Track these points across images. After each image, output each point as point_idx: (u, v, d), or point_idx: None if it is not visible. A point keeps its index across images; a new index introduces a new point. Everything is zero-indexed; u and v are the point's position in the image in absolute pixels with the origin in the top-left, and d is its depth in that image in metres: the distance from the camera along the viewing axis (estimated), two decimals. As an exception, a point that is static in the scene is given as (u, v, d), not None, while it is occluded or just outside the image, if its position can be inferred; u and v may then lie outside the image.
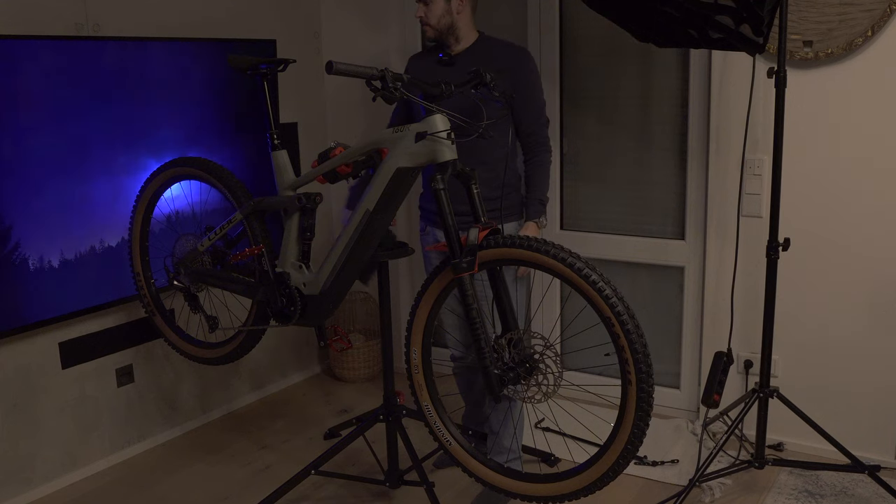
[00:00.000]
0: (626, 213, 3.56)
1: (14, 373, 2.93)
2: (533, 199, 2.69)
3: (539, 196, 2.69)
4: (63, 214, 2.94)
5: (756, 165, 3.09)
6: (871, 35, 2.78)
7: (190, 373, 3.55)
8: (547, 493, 2.10)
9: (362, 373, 4.04)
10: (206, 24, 3.43)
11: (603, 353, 2.15)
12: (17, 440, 2.96)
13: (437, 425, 2.28)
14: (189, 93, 3.29)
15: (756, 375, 2.95)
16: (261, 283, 2.56)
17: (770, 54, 2.90)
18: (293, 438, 3.47)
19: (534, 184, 2.71)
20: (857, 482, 2.90)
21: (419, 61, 2.81)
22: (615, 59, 3.47)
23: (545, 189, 2.71)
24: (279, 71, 2.65)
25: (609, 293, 1.90)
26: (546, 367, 2.08)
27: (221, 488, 3.07)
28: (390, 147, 2.19)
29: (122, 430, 3.31)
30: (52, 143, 2.87)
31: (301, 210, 2.47)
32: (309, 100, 4.00)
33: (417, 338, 2.28)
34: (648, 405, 1.90)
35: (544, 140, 2.72)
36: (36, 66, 2.80)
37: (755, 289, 3.09)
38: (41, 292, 2.90)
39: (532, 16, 3.57)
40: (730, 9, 2.51)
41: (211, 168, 2.68)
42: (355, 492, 2.99)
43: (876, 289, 2.95)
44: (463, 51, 2.68)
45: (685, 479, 2.94)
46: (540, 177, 2.71)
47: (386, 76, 2.04)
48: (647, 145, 3.46)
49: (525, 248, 1.99)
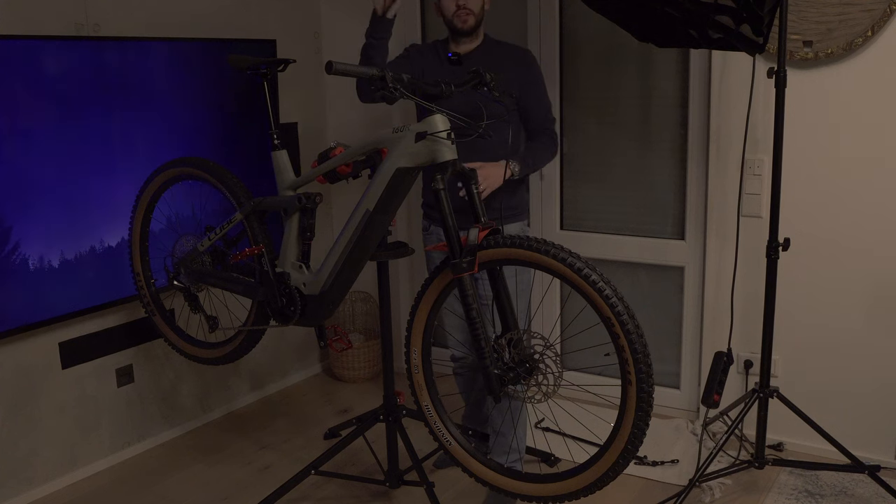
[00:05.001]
0: (626, 213, 3.56)
1: (14, 373, 2.93)
2: (520, 154, 2.67)
3: (526, 155, 2.67)
4: (63, 214, 2.94)
5: (756, 165, 3.09)
6: (871, 35, 2.78)
7: (190, 373, 3.55)
8: (547, 493, 2.10)
9: (362, 373, 4.04)
10: (207, 24, 3.43)
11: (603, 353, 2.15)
12: (17, 440, 2.96)
13: (437, 425, 2.28)
14: (189, 93, 3.29)
15: (756, 375, 2.95)
16: (261, 284, 2.56)
17: (770, 54, 2.90)
18: (293, 438, 3.47)
19: (528, 147, 2.72)
20: (857, 482, 2.90)
21: (424, 56, 2.78)
22: (615, 59, 3.47)
23: (535, 156, 2.70)
24: (279, 71, 2.65)
25: (609, 293, 1.90)
26: (546, 367, 2.08)
27: (221, 488, 3.07)
28: (390, 147, 2.18)
29: (122, 430, 3.31)
30: (52, 143, 2.87)
31: (301, 210, 2.47)
32: (309, 100, 4.00)
33: (417, 338, 2.28)
34: (648, 405, 1.90)
35: (552, 133, 2.77)
36: (36, 66, 2.80)
37: (755, 289, 3.09)
38: (41, 292, 2.90)
39: (532, 16, 3.57)
40: (730, 9, 2.51)
41: (211, 168, 2.68)
42: (355, 492, 2.99)
43: (876, 289, 2.95)
44: (471, 51, 2.68)
45: (685, 479, 2.94)
46: (537, 146, 2.72)
47: (386, 76, 2.04)
48: (647, 145, 3.46)
49: (525, 248, 1.99)
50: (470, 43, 2.68)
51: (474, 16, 2.62)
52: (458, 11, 2.61)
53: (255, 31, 3.64)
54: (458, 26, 2.64)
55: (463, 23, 2.63)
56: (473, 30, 2.65)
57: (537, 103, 2.73)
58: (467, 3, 2.60)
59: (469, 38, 2.67)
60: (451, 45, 2.70)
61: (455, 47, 2.68)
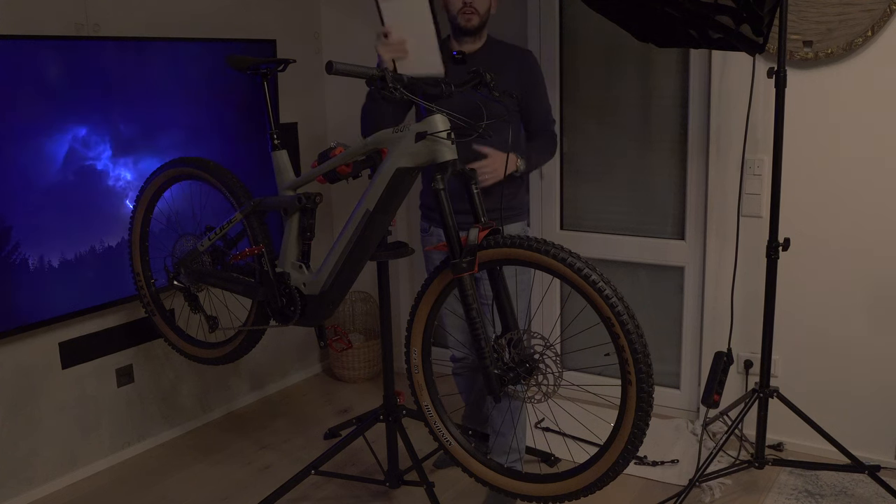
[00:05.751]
0: (626, 213, 3.56)
1: (14, 373, 2.93)
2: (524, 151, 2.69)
3: (530, 153, 2.69)
4: (63, 214, 2.94)
5: (756, 165, 3.09)
6: (871, 35, 2.78)
7: (190, 373, 3.55)
8: (547, 493, 2.10)
9: (362, 373, 4.04)
10: (206, 24, 3.43)
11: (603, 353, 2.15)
12: (17, 440, 2.96)
13: (437, 425, 2.28)
14: (189, 93, 3.29)
15: (756, 375, 2.95)
16: (261, 284, 2.56)
17: (770, 54, 2.89)
18: (293, 438, 3.47)
19: (529, 146, 2.73)
20: (857, 482, 2.90)
21: None
22: (615, 59, 3.47)
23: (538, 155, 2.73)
24: (279, 71, 2.65)
25: (609, 293, 1.90)
26: (546, 367, 2.08)
27: (221, 488, 3.07)
28: (390, 147, 2.18)
29: (121, 430, 3.31)
30: (51, 143, 2.87)
31: (301, 210, 2.47)
32: (309, 100, 4.00)
33: (417, 338, 2.27)
34: (648, 405, 1.90)
35: (552, 134, 2.79)
36: (36, 66, 2.80)
37: (755, 289, 3.09)
38: (41, 292, 2.90)
39: (532, 16, 3.57)
40: (730, 9, 2.51)
41: (211, 168, 2.68)
42: (355, 492, 2.99)
43: (876, 289, 2.95)
44: (475, 51, 2.68)
45: (685, 479, 2.94)
46: (538, 145, 2.74)
47: (386, 76, 2.04)
48: (647, 145, 3.46)
49: (525, 248, 1.99)
50: (472, 43, 2.68)
51: (479, 16, 2.62)
52: (464, 9, 2.61)
53: (255, 31, 3.64)
54: (461, 24, 2.64)
55: (467, 21, 2.63)
56: (476, 30, 2.65)
57: (538, 104, 2.74)
58: (474, 2, 2.60)
59: (472, 37, 2.67)
60: (454, 43, 2.70)
61: (457, 46, 2.68)
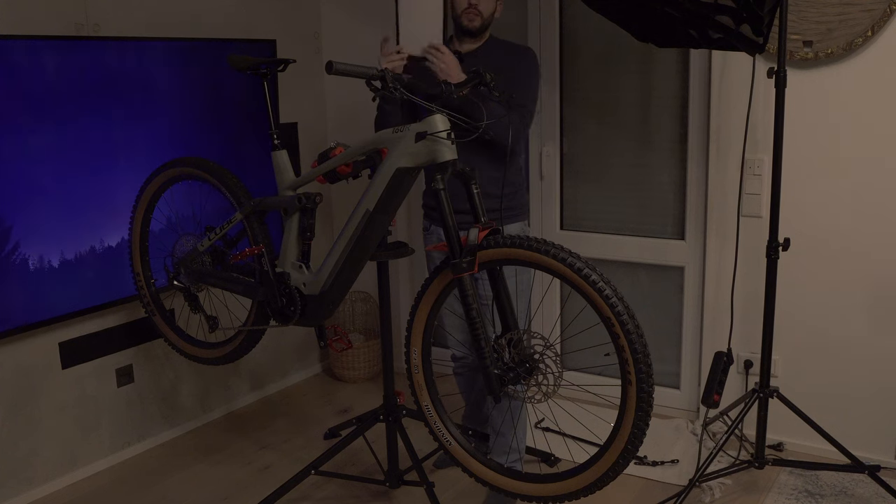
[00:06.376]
0: (626, 213, 3.56)
1: (14, 373, 2.93)
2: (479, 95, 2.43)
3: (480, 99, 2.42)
4: (63, 214, 2.94)
5: (756, 165, 3.09)
6: (871, 35, 2.78)
7: (190, 373, 3.55)
8: (547, 493, 2.10)
9: (362, 373, 4.04)
10: (206, 24, 3.43)
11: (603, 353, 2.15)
12: (17, 440, 2.96)
13: (437, 425, 2.28)
14: (189, 93, 3.29)
15: (756, 375, 2.94)
16: (261, 283, 2.56)
17: (770, 54, 2.89)
18: (293, 438, 3.47)
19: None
20: (857, 482, 2.90)
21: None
22: (615, 59, 3.47)
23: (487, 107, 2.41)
24: (279, 71, 2.65)
25: (609, 293, 1.90)
26: (546, 367, 2.08)
27: (221, 488, 3.07)
28: (390, 147, 2.18)
29: (121, 430, 3.31)
30: (51, 143, 2.87)
31: (301, 210, 2.47)
32: (309, 100, 4.00)
33: (417, 338, 2.28)
34: (648, 405, 1.90)
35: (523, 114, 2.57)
36: (36, 66, 2.80)
37: (755, 289, 3.09)
38: (41, 292, 2.90)
39: (532, 16, 3.57)
40: (730, 9, 2.51)
41: (211, 168, 2.68)
42: (355, 492, 2.99)
43: (876, 289, 2.95)
44: (474, 50, 2.68)
45: (685, 479, 2.94)
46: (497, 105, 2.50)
47: (386, 76, 2.04)
48: (647, 145, 3.46)
49: (525, 248, 1.99)
50: (473, 43, 2.69)
51: (482, 18, 2.62)
52: (468, 10, 2.60)
53: (255, 31, 3.64)
54: (464, 24, 2.64)
55: (470, 21, 2.63)
56: (479, 32, 2.65)
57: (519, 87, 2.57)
58: (479, 4, 2.59)
59: (473, 38, 2.67)
60: (455, 43, 2.70)
61: (458, 46, 2.68)
